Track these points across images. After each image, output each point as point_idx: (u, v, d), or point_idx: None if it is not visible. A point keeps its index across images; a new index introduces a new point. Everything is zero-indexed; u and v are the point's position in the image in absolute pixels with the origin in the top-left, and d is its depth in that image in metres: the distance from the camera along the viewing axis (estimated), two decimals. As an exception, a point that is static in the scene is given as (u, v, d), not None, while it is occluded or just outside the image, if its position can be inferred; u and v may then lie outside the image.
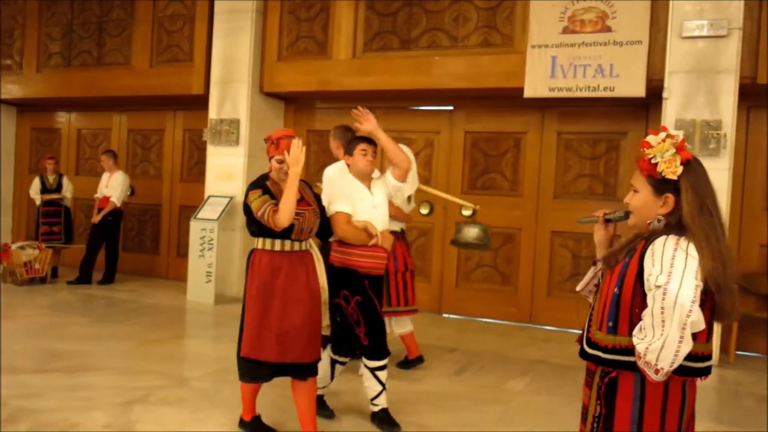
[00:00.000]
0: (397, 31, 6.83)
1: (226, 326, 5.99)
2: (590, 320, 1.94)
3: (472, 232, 4.89)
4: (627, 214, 1.96)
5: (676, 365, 1.68)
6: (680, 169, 1.82)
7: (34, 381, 4.12)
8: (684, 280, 1.67)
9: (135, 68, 8.18)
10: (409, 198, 4.73)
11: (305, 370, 3.25)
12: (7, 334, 5.35)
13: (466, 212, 5.42)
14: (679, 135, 1.86)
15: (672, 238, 1.76)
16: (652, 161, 1.85)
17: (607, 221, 2.04)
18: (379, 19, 6.91)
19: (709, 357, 1.83)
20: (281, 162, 3.22)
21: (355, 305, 3.50)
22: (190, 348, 5.42)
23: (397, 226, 4.60)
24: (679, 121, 5.42)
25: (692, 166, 1.84)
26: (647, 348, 1.69)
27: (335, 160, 4.39)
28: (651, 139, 1.86)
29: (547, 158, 6.72)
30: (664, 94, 5.50)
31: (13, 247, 7.53)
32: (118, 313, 6.45)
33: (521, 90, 6.07)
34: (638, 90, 5.60)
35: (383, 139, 3.69)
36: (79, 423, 3.44)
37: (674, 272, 1.69)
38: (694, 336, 1.71)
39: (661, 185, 1.85)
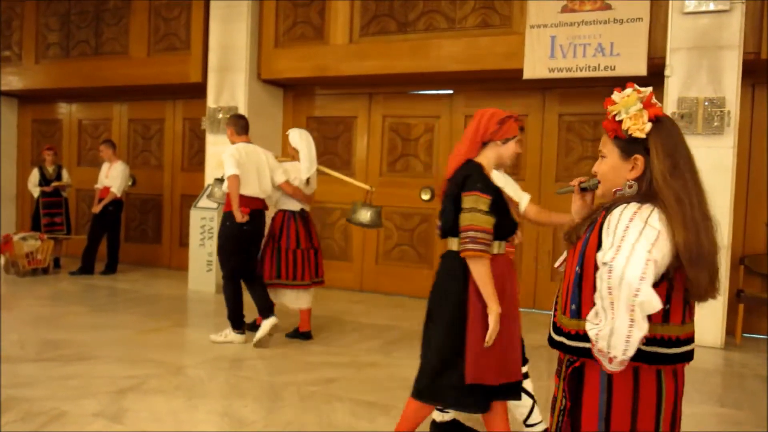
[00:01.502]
0: (394, 14, 6.74)
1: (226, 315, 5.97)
2: (556, 303, 1.73)
3: (365, 215, 5.20)
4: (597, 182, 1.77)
5: (630, 352, 1.48)
6: (648, 126, 1.61)
7: (27, 370, 4.10)
8: (633, 255, 1.45)
9: (133, 57, 8.14)
10: (307, 180, 5.09)
11: (516, 389, 2.76)
12: (6, 324, 5.35)
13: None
14: (647, 90, 1.66)
15: (632, 206, 1.56)
16: (617, 118, 1.64)
17: (583, 190, 1.82)
18: (376, 3, 6.82)
19: (687, 341, 1.63)
20: (520, 141, 2.78)
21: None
22: (188, 336, 5.39)
23: (296, 207, 5.07)
24: (682, 99, 5.31)
25: (662, 123, 1.64)
26: (597, 334, 1.50)
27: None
28: (615, 95, 1.67)
29: (549, 140, 6.62)
30: (666, 72, 5.38)
31: (15, 238, 7.53)
32: (118, 302, 6.44)
33: (521, 71, 5.97)
34: (639, 68, 5.48)
35: None
36: (68, 411, 3.41)
37: (623, 246, 1.47)
38: (653, 318, 1.52)
39: (628, 146, 1.64)
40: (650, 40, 5.51)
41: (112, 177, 7.76)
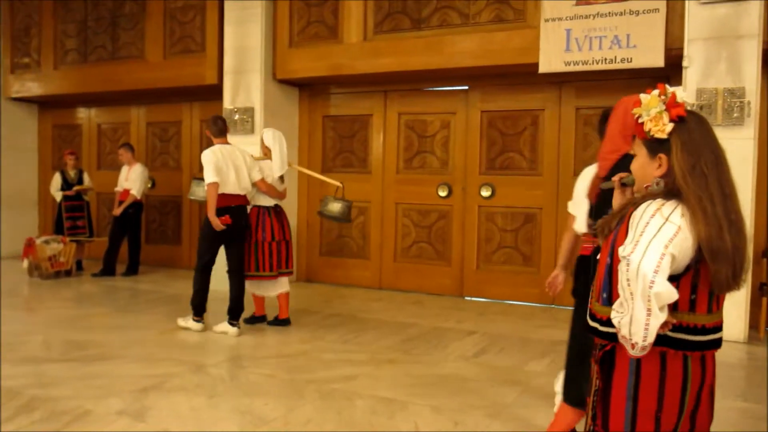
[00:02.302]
0: (408, 11, 6.73)
1: (246, 314, 6.00)
2: (592, 292, 1.86)
3: (335, 207, 5.59)
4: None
5: (650, 339, 1.58)
6: (670, 127, 1.69)
7: (52, 370, 4.16)
8: (648, 249, 1.56)
9: (149, 61, 8.21)
10: (281, 178, 5.49)
11: None
12: (31, 326, 5.44)
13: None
14: (671, 91, 1.72)
15: (655, 203, 1.66)
16: (639, 120, 1.74)
17: (623, 185, 1.92)
18: (389, 1, 6.82)
19: (715, 329, 1.72)
20: None
21: None
22: (209, 336, 5.43)
23: (270, 202, 5.43)
24: (701, 90, 5.25)
25: (686, 123, 1.70)
26: (620, 322, 1.62)
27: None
28: (643, 97, 1.75)
29: (566, 135, 6.58)
30: (684, 63, 5.32)
31: (38, 241, 7.64)
32: (140, 303, 6.51)
33: (536, 66, 5.94)
34: (657, 60, 5.42)
35: None
36: (92, 410, 3.46)
37: (641, 240, 1.59)
38: (680, 306, 1.64)
39: (654, 146, 1.74)
40: (667, 31, 5.44)
41: (132, 180, 7.85)
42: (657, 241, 1.57)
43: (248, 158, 5.31)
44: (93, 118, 9.65)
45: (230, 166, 5.13)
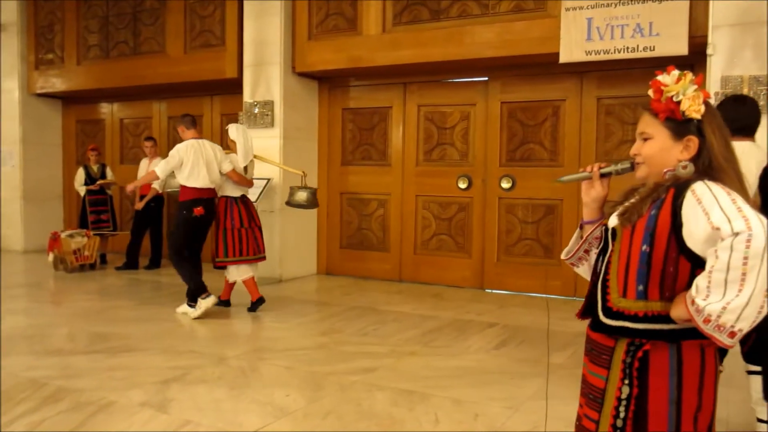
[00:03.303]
0: (427, 2, 6.69)
1: (266, 306, 6.04)
2: (604, 287, 1.68)
3: (301, 196, 6.09)
4: (632, 166, 1.75)
5: (756, 323, 1.45)
6: (703, 108, 1.63)
7: (77, 362, 4.23)
8: (761, 220, 1.43)
9: (170, 56, 8.27)
10: (245, 168, 5.79)
11: None
12: (57, 318, 5.53)
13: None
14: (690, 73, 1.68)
15: (710, 183, 1.55)
16: (674, 99, 1.64)
17: (604, 176, 1.79)
18: (408, -8, 6.78)
19: None
20: None
21: None
22: (230, 328, 5.48)
23: (237, 192, 5.74)
24: (726, 78, 5.14)
25: (709, 106, 1.66)
26: (724, 308, 1.43)
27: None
28: (663, 78, 1.67)
29: (588, 125, 6.50)
30: (709, 51, 5.21)
31: (63, 235, 7.76)
32: (163, 296, 6.58)
33: (557, 56, 5.87)
34: (680, 48, 5.33)
35: None
36: (116, 401, 3.51)
37: (749, 215, 1.44)
38: None
39: (681, 128, 1.65)
40: (691, 18, 5.34)
41: (153, 173, 7.91)
42: (759, 216, 1.45)
43: (218, 152, 5.66)
44: (115, 113, 9.76)
45: (201, 160, 5.49)
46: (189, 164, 5.48)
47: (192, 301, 5.59)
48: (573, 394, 3.72)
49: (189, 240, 5.65)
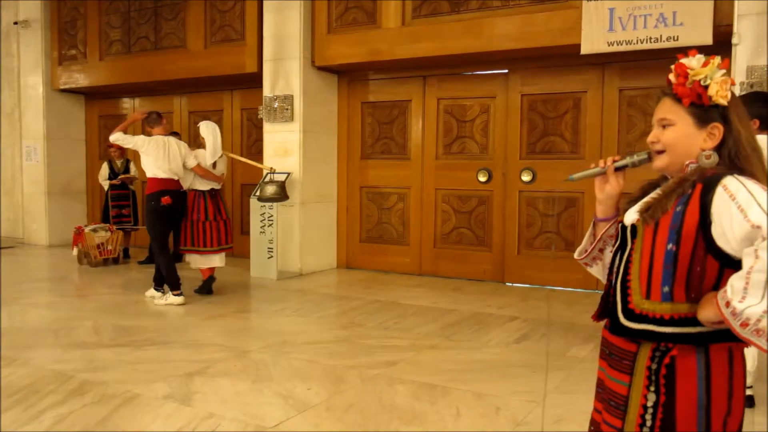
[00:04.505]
0: (446, -6, 6.65)
1: (287, 300, 6.08)
2: (624, 288, 1.57)
3: (269, 189, 6.71)
4: (650, 156, 1.64)
5: None
6: (730, 94, 1.54)
7: (102, 355, 4.29)
8: None
9: (191, 50, 8.32)
10: (213, 164, 6.17)
11: None
12: (82, 312, 5.61)
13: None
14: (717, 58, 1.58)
15: (742, 177, 1.46)
16: (702, 83, 1.53)
17: (619, 169, 1.69)
18: (428, -17, 6.75)
19: None
20: None
21: None
22: (252, 322, 5.53)
23: (205, 186, 6.14)
24: (751, 68, 5.06)
25: (733, 92, 1.57)
26: (765, 311, 1.33)
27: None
28: (688, 61, 1.57)
29: (609, 117, 6.44)
30: (734, 40, 5.13)
31: (87, 230, 7.86)
32: (184, 290, 6.58)
33: (578, 47, 5.81)
34: (705, 37, 5.25)
35: None
36: (140, 394, 3.56)
37: None
38: None
39: (705, 114, 1.54)
40: (716, 7, 5.26)
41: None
42: None
43: (183, 148, 6.07)
44: (137, 107, 9.84)
45: (163, 154, 5.88)
46: (152, 158, 5.84)
47: (159, 286, 6.00)
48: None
49: (165, 227, 6.00)
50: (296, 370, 4.07)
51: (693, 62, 1.56)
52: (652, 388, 1.51)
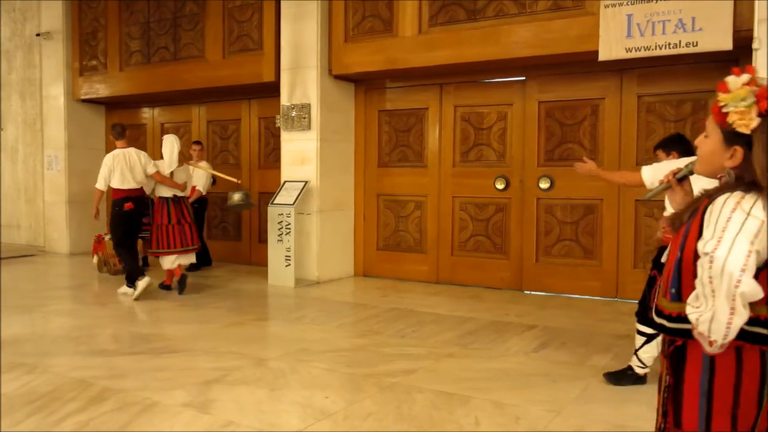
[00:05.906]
0: (463, 2, 6.66)
1: (305, 308, 6.09)
2: (659, 287, 1.80)
3: (235, 197, 7.41)
4: (692, 166, 1.78)
5: (731, 337, 1.52)
6: (755, 122, 1.57)
7: (121, 363, 4.32)
8: (734, 246, 1.49)
9: (209, 60, 8.40)
10: (172, 174, 6.63)
11: None
12: (101, 319, 5.66)
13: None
14: (764, 82, 1.58)
15: (735, 196, 1.57)
16: (723, 110, 1.61)
17: (680, 180, 1.82)
18: (444, -8, 6.76)
19: None
20: None
21: None
22: (270, 330, 5.54)
23: (168, 193, 6.66)
24: (773, 73, 5.00)
25: (765, 118, 1.58)
26: (698, 319, 1.55)
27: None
28: (731, 81, 1.60)
29: (628, 124, 6.39)
30: (754, 45, 5.07)
31: (106, 238, 7.93)
32: (203, 298, 6.67)
33: (596, 54, 5.79)
34: (725, 43, 5.20)
35: None
36: (159, 401, 3.58)
37: (725, 237, 1.51)
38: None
39: (731, 136, 1.63)
40: (736, 12, 5.21)
41: (197, 176, 8.02)
42: (742, 238, 1.50)
43: (143, 158, 6.66)
44: (156, 117, 9.96)
45: (126, 167, 6.56)
46: (117, 171, 6.56)
47: (131, 282, 6.47)
48: (616, 397, 3.68)
49: (125, 231, 6.58)
50: (314, 378, 4.07)
51: (732, 83, 1.60)
52: (667, 372, 1.74)
